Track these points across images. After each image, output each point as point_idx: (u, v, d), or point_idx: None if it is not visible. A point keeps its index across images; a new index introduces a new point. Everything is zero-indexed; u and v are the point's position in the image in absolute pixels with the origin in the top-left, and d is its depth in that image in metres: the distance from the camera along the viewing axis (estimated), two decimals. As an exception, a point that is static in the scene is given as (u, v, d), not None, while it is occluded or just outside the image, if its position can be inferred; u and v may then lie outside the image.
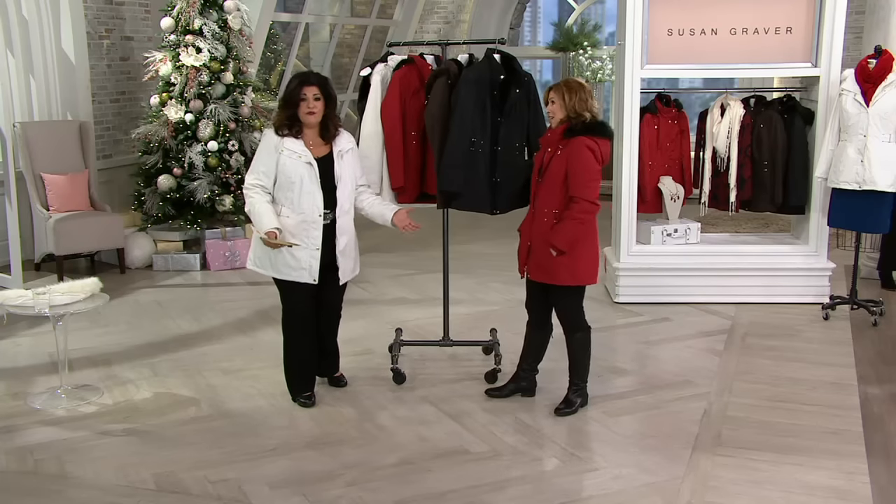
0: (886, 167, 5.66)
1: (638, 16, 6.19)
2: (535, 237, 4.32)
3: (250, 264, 4.58)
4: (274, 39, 11.63)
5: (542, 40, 15.34)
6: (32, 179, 7.36)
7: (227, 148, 7.81)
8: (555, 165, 4.23)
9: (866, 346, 5.60)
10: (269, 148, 4.40)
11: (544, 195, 4.28)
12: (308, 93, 4.33)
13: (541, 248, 4.29)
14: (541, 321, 4.57)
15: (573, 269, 4.29)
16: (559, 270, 4.28)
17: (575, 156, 4.17)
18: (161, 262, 7.76)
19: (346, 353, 5.12)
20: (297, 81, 4.38)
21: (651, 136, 6.52)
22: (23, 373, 5.19)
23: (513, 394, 4.67)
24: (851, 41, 8.71)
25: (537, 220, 4.32)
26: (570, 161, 4.18)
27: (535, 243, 4.32)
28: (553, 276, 4.31)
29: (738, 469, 3.89)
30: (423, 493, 3.68)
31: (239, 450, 4.12)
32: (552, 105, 4.27)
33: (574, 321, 4.44)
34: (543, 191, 4.29)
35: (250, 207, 4.41)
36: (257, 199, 4.39)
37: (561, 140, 4.22)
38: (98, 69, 8.45)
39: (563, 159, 4.20)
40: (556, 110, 4.24)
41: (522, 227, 4.48)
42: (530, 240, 4.36)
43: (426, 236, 8.04)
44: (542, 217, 4.29)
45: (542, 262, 4.31)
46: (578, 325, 4.44)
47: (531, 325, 4.61)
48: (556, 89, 4.26)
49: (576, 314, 4.44)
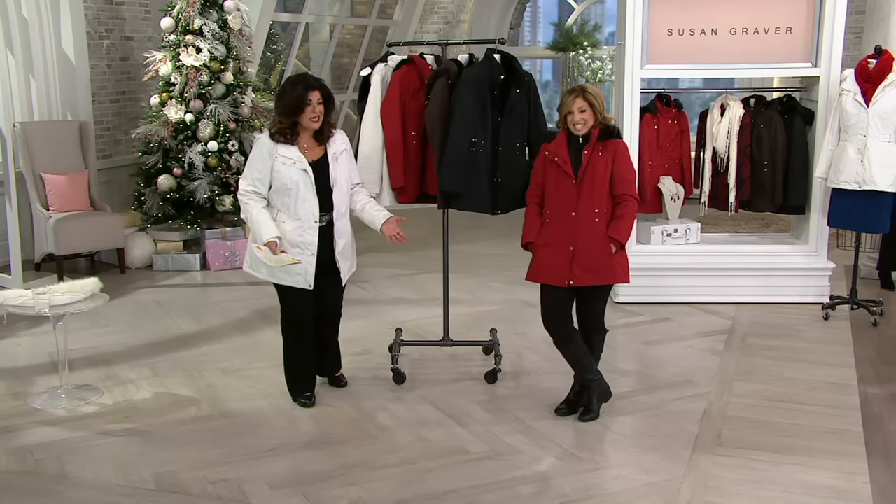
0: (886, 167, 5.66)
1: (638, 16, 6.18)
2: (582, 240, 4.22)
3: (246, 267, 4.57)
4: (274, 39, 11.63)
5: (542, 40, 15.33)
6: (32, 179, 7.36)
7: (227, 148, 7.81)
8: (598, 167, 4.22)
9: (866, 346, 5.60)
10: (263, 154, 4.34)
11: (587, 197, 4.22)
12: (313, 98, 4.29)
13: (593, 249, 4.22)
14: (572, 329, 4.42)
15: (625, 266, 4.34)
16: (617, 269, 4.29)
17: (621, 156, 4.26)
18: (161, 262, 7.76)
19: (346, 353, 5.12)
20: (302, 86, 4.29)
21: (651, 136, 6.52)
22: (23, 373, 5.19)
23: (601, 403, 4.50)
24: (851, 41, 8.72)
25: (583, 223, 4.22)
26: (618, 162, 4.24)
27: (583, 246, 4.22)
28: (612, 275, 4.29)
29: (738, 469, 3.89)
30: (423, 493, 3.68)
31: (239, 450, 4.11)
32: (584, 113, 4.21)
33: (603, 321, 4.49)
34: (586, 193, 4.22)
35: (247, 215, 4.37)
36: (254, 206, 4.36)
37: (598, 143, 4.24)
38: (98, 69, 8.45)
39: (606, 161, 4.22)
40: (589, 117, 4.22)
41: (547, 237, 4.31)
42: (573, 244, 4.23)
43: (426, 236, 8.02)
44: (589, 219, 4.22)
45: (597, 263, 4.23)
46: (604, 325, 4.50)
47: (571, 336, 4.37)
48: (583, 97, 4.21)
49: (604, 314, 4.50)
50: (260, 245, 4.30)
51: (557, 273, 4.26)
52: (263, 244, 4.27)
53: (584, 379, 4.42)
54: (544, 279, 4.32)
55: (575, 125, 4.23)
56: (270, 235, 4.27)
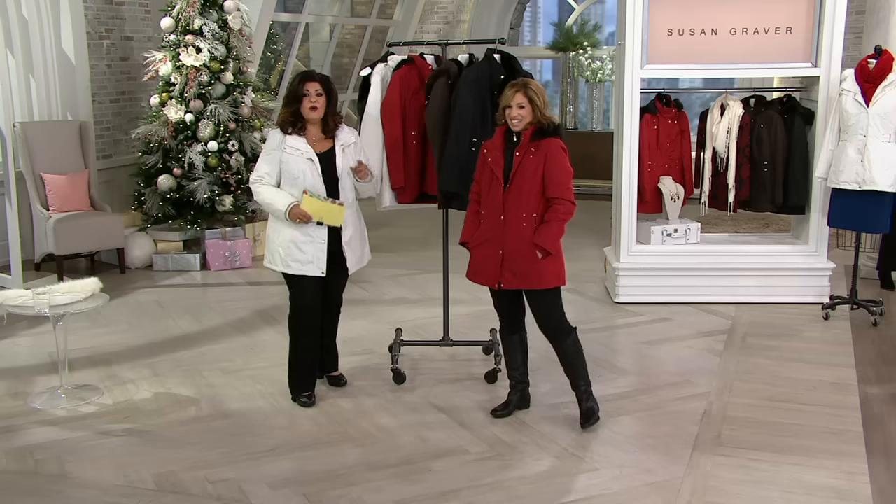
0: (886, 167, 5.66)
1: (638, 16, 6.18)
2: (511, 244, 4.14)
3: (265, 262, 4.66)
4: (274, 39, 11.63)
5: (542, 40, 15.34)
6: (32, 179, 7.36)
7: (227, 148, 7.81)
8: (528, 169, 4.11)
9: (866, 346, 5.60)
10: (273, 146, 4.51)
11: (515, 200, 4.12)
12: (310, 88, 4.45)
13: (520, 254, 4.13)
14: (518, 324, 4.44)
15: (558, 271, 4.20)
16: (546, 274, 4.17)
17: (553, 158, 4.11)
18: (161, 262, 7.76)
19: (346, 353, 5.13)
20: (300, 78, 4.51)
21: (651, 136, 6.52)
22: (23, 373, 5.19)
23: (517, 408, 4.52)
24: (851, 41, 8.72)
25: (511, 227, 4.14)
26: (549, 163, 4.10)
27: (511, 250, 4.14)
28: (540, 280, 4.18)
29: (738, 469, 3.89)
30: (423, 493, 3.69)
31: (239, 450, 4.12)
32: (522, 109, 4.08)
33: (559, 324, 4.31)
34: (514, 195, 4.12)
35: (261, 198, 4.51)
36: (264, 188, 4.50)
37: (531, 143, 4.13)
38: (98, 69, 8.45)
39: (537, 162, 4.10)
40: (527, 114, 4.10)
41: (480, 237, 4.25)
42: (502, 248, 4.16)
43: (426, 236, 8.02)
44: (517, 223, 4.13)
45: (524, 268, 4.15)
46: (564, 327, 4.32)
47: (508, 331, 4.44)
48: (524, 92, 4.09)
49: (561, 316, 4.32)
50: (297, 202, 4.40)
51: (489, 275, 4.24)
52: (285, 213, 4.38)
53: (509, 376, 4.52)
54: (479, 280, 4.31)
55: (511, 120, 4.11)
56: (288, 202, 4.40)
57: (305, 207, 4.39)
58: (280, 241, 4.49)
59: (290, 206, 4.38)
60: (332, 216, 4.45)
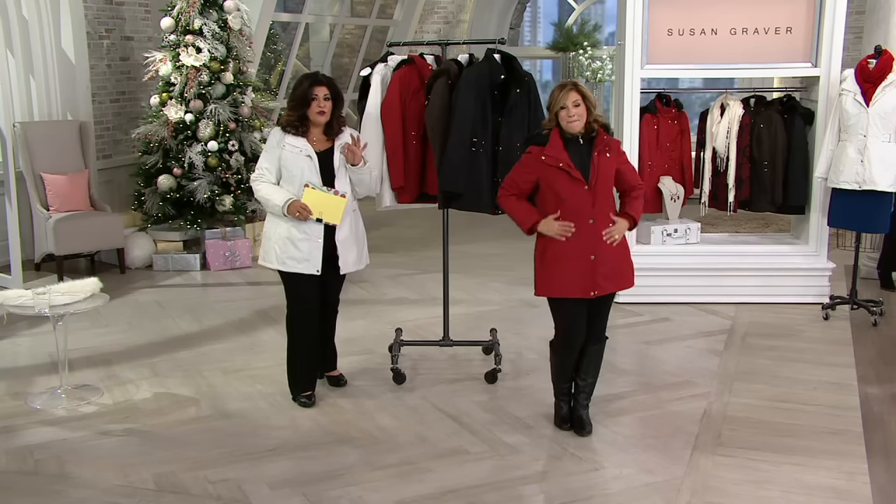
0: (886, 167, 5.67)
1: (638, 16, 6.18)
2: (603, 247, 4.01)
3: (260, 260, 4.66)
4: (274, 39, 11.64)
5: (542, 40, 15.34)
6: (32, 179, 7.36)
7: (227, 148, 7.81)
8: (607, 168, 4.01)
9: (866, 346, 5.60)
10: (273, 144, 4.51)
11: (602, 201, 4.00)
12: (319, 93, 4.42)
13: (612, 256, 4.03)
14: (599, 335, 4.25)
15: (633, 269, 4.21)
16: (631, 272, 4.16)
17: (621, 153, 4.14)
18: (161, 262, 7.76)
19: (346, 353, 5.13)
20: (308, 82, 4.45)
21: (651, 136, 6.52)
22: (23, 373, 5.19)
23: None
24: (851, 41, 8.72)
25: (601, 230, 4.00)
26: (620, 158, 4.12)
27: (604, 254, 4.02)
28: (629, 279, 4.15)
29: (738, 469, 3.89)
30: (423, 493, 3.68)
31: (239, 450, 4.12)
32: (578, 108, 3.94)
33: (606, 324, 4.27)
34: (600, 199, 3.99)
35: (259, 194, 4.52)
36: (263, 185, 4.51)
37: (604, 143, 4.06)
38: (98, 69, 8.45)
39: (611, 161, 4.05)
40: (584, 112, 3.97)
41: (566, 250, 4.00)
42: (594, 253, 3.99)
43: (426, 236, 8.02)
44: (605, 224, 4.01)
45: (616, 269, 4.06)
46: (606, 326, 4.29)
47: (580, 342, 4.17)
48: (576, 90, 3.96)
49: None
50: (296, 198, 4.40)
51: (580, 285, 4.01)
52: (284, 209, 4.38)
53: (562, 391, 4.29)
54: (566, 293, 4.03)
55: (570, 119, 3.94)
56: (286, 198, 4.40)
57: (306, 201, 4.39)
58: (276, 238, 4.48)
59: (289, 202, 4.38)
60: (331, 211, 4.43)
